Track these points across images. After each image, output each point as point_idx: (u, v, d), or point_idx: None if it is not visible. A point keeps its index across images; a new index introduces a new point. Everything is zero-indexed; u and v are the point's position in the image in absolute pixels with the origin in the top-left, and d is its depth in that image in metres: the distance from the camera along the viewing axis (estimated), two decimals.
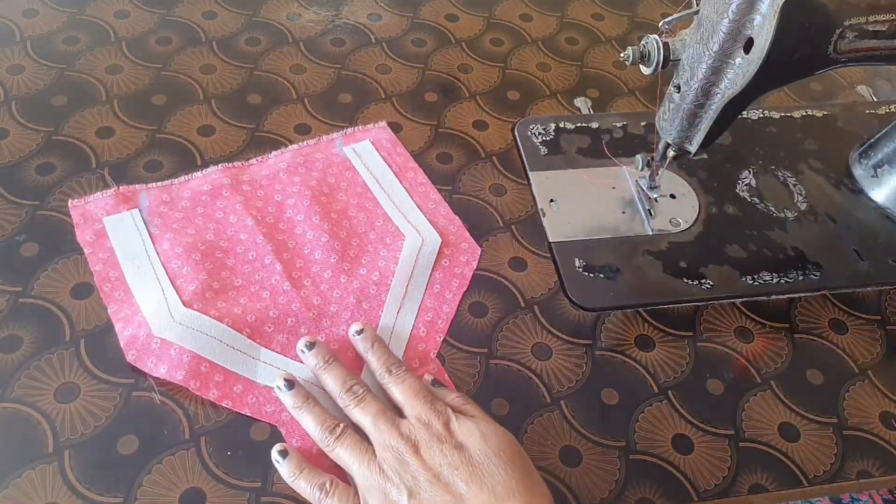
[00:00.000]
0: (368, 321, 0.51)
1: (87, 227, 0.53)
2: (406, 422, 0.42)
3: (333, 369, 0.46)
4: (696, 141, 0.51)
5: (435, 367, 0.49)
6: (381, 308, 0.51)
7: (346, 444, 0.42)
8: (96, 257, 0.52)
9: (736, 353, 0.53)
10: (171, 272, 0.51)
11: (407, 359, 0.50)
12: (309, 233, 0.55)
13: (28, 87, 0.62)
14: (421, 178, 0.60)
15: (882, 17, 0.44)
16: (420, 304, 0.52)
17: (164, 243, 0.53)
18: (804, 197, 0.62)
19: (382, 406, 0.44)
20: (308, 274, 0.53)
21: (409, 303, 0.52)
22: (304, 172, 0.58)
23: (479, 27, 0.74)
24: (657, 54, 0.48)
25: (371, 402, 0.44)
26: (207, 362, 0.47)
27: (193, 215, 0.55)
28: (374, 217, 0.57)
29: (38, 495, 0.42)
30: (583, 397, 0.50)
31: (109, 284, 0.51)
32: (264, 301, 0.51)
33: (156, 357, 0.47)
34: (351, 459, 0.41)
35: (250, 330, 0.49)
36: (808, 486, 0.48)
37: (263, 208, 0.56)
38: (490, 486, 0.38)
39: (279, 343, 0.49)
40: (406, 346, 0.50)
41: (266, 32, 0.70)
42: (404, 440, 0.41)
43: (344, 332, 0.50)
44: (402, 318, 0.51)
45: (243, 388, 0.47)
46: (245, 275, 0.52)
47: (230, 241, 0.54)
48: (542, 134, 0.64)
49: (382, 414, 0.43)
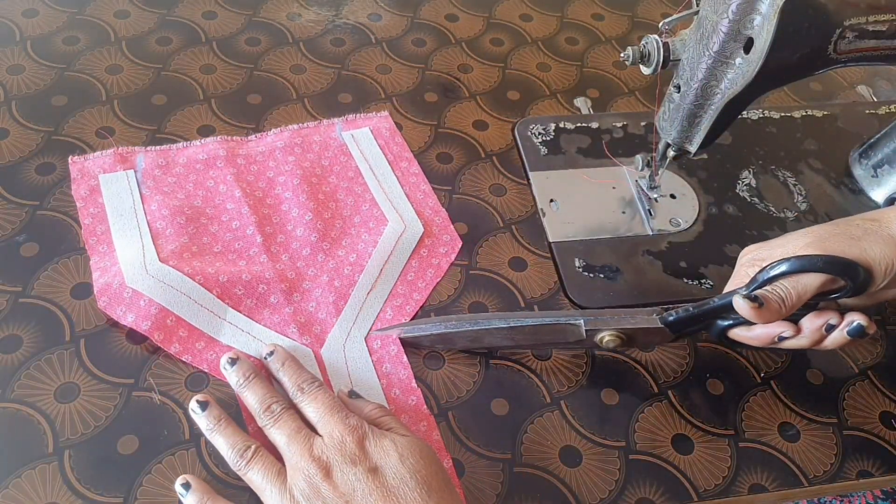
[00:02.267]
0: (337, 300, 0.51)
1: (82, 182, 0.55)
2: (320, 441, 0.40)
3: (253, 387, 0.44)
4: (696, 141, 0.51)
5: (396, 348, 0.50)
6: (353, 287, 0.52)
7: (256, 467, 0.40)
8: (87, 211, 0.54)
9: (736, 352, 0.53)
10: (155, 231, 0.53)
11: (370, 339, 0.50)
12: (294, 210, 0.55)
13: (28, 87, 0.62)
14: (414, 169, 0.60)
15: (882, 17, 0.44)
16: (391, 289, 0.53)
17: (153, 204, 0.54)
18: (804, 197, 0.62)
19: (300, 425, 0.42)
20: (287, 249, 0.54)
21: (380, 286, 0.53)
22: (300, 153, 0.60)
23: (479, 27, 0.74)
24: (657, 54, 0.48)
25: (287, 422, 0.42)
26: (174, 316, 0.48)
27: (185, 181, 0.57)
28: (361, 201, 0.57)
29: (38, 495, 0.42)
30: (583, 397, 0.50)
31: (95, 238, 0.52)
32: (239, 267, 0.52)
33: (125, 306, 0.48)
34: (262, 483, 0.40)
35: (220, 290, 0.50)
36: (808, 486, 0.48)
37: (254, 182, 0.57)
38: None
39: (247, 306, 0.50)
40: (371, 327, 0.51)
41: (266, 32, 0.70)
42: (315, 462, 0.39)
43: (313, 308, 0.50)
44: (371, 300, 0.52)
45: (205, 345, 0.48)
46: (225, 242, 0.53)
47: (216, 209, 0.55)
48: (542, 134, 0.64)
49: (297, 433, 0.41)
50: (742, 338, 0.46)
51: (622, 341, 0.47)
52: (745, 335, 0.46)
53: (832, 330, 0.43)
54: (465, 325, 0.48)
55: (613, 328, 0.47)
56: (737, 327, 0.46)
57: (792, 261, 0.42)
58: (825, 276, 0.42)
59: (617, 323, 0.47)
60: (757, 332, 0.45)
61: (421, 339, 0.49)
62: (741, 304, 0.42)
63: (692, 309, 0.46)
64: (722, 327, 0.46)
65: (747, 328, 0.45)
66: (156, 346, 0.48)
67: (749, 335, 0.45)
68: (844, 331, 0.43)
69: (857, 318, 0.43)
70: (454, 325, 0.48)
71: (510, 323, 0.47)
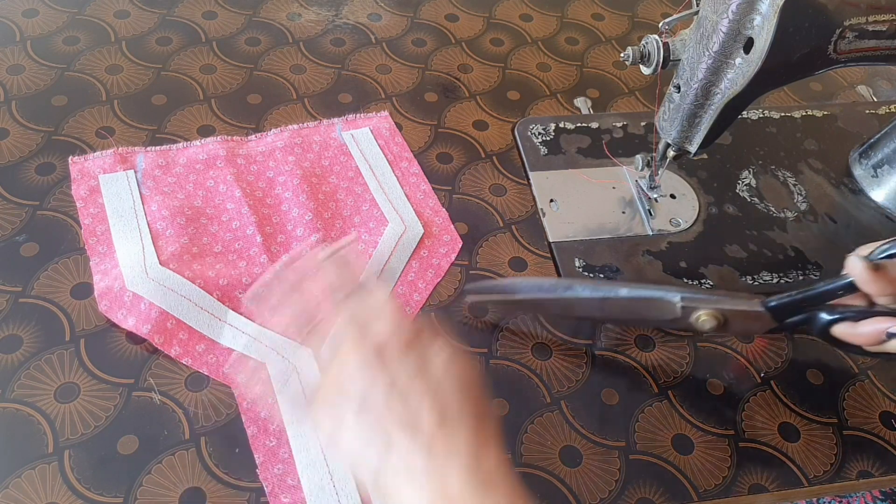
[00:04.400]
0: None
1: (82, 183, 0.55)
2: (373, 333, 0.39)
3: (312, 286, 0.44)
4: (696, 141, 0.51)
5: None
6: None
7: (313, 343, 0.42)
8: (87, 211, 0.54)
9: (736, 353, 0.53)
10: (155, 232, 0.53)
11: None
12: (294, 210, 0.56)
13: (28, 87, 0.62)
14: (414, 169, 0.60)
15: (882, 17, 0.44)
16: (391, 290, 0.53)
17: (153, 205, 0.54)
18: (804, 197, 0.62)
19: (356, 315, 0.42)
20: (287, 249, 0.54)
21: None
22: (300, 153, 0.60)
23: (479, 27, 0.74)
24: (657, 54, 0.48)
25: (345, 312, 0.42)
26: (174, 319, 0.48)
27: (185, 181, 0.57)
28: (361, 202, 0.57)
29: (38, 495, 0.42)
30: (583, 397, 0.50)
31: (95, 238, 0.52)
32: (239, 269, 0.52)
33: (126, 309, 0.48)
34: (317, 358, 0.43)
35: (220, 293, 0.50)
36: (808, 486, 0.48)
37: (254, 182, 0.57)
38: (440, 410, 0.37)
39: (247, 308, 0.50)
40: None
41: (266, 32, 0.70)
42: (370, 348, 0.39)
43: None
44: None
45: (205, 348, 0.48)
46: (225, 242, 0.54)
47: (216, 210, 0.55)
48: (542, 134, 0.64)
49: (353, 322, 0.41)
50: (847, 335, 0.43)
51: (719, 323, 0.45)
52: (851, 332, 0.42)
53: None
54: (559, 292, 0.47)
55: (712, 307, 0.44)
56: (842, 323, 0.43)
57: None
58: None
59: (716, 303, 0.45)
60: (864, 328, 0.41)
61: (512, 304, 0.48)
62: (856, 264, 0.39)
63: (796, 294, 0.43)
64: (826, 321, 0.43)
65: (853, 324, 0.42)
66: (156, 346, 0.48)
67: (855, 332, 0.42)
68: None
69: None
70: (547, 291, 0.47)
71: (601, 293, 0.46)
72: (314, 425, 0.41)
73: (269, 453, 0.44)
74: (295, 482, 0.43)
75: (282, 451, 0.44)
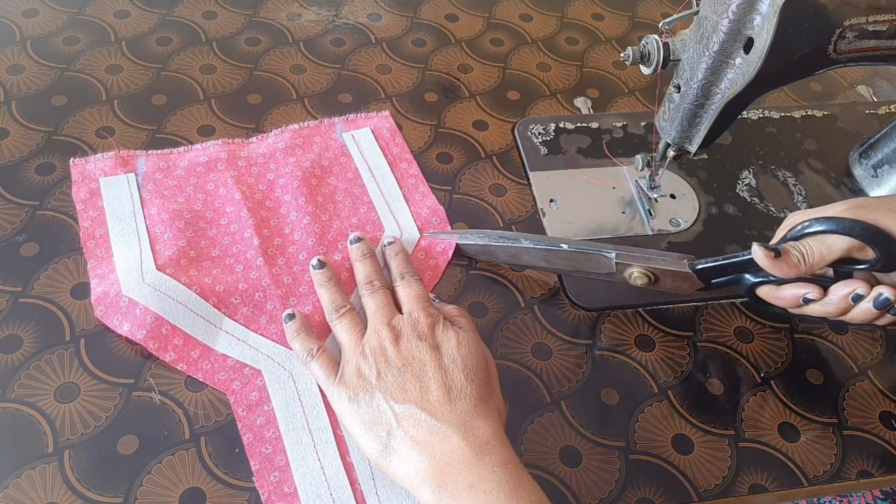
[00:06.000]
0: None
1: (83, 185, 0.55)
2: (399, 317, 0.47)
3: (365, 263, 0.52)
4: (696, 141, 0.51)
5: None
6: (350, 295, 0.52)
7: (344, 321, 0.48)
8: (86, 214, 0.54)
9: (736, 353, 0.53)
10: (153, 236, 0.53)
11: None
12: (293, 213, 0.55)
13: (28, 87, 0.62)
14: (413, 171, 0.60)
15: (882, 17, 0.44)
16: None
17: (153, 208, 0.54)
18: (804, 197, 0.62)
19: (389, 300, 0.49)
20: (283, 253, 0.54)
21: None
22: (301, 154, 0.60)
23: (479, 27, 0.74)
24: (657, 54, 0.48)
25: (380, 296, 0.49)
26: (169, 325, 0.48)
27: (186, 185, 0.57)
28: (359, 204, 0.57)
29: (38, 495, 0.42)
30: (583, 397, 0.50)
31: (93, 241, 0.52)
32: (236, 274, 0.52)
33: (122, 315, 0.48)
34: (344, 335, 0.47)
35: (217, 299, 0.50)
36: (809, 486, 0.48)
37: (254, 185, 0.57)
38: (447, 385, 0.43)
39: (243, 315, 0.50)
40: None
41: (266, 32, 0.70)
42: (390, 329, 0.46)
43: (310, 312, 0.51)
44: None
45: (200, 354, 0.48)
46: (223, 246, 0.53)
47: (216, 213, 0.55)
48: (542, 134, 0.64)
49: (385, 306, 0.48)
50: (770, 297, 0.46)
51: (650, 280, 0.49)
52: (774, 294, 0.46)
53: (859, 300, 0.43)
54: (505, 241, 0.53)
55: (643, 265, 0.48)
56: (766, 285, 0.46)
57: (821, 220, 0.42)
58: (852, 241, 0.41)
59: (646, 261, 0.49)
60: (784, 293, 0.45)
61: (467, 248, 0.55)
62: (757, 252, 0.43)
63: (721, 259, 0.47)
64: (751, 283, 0.47)
65: (776, 287, 0.46)
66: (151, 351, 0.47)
67: (777, 294, 0.46)
68: (871, 303, 0.42)
69: (886, 291, 0.42)
70: (496, 239, 0.53)
71: (545, 246, 0.51)
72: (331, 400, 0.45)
73: (266, 461, 0.44)
74: (291, 490, 0.43)
75: (278, 458, 0.44)
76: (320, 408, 0.46)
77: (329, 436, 0.45)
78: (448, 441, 0.40)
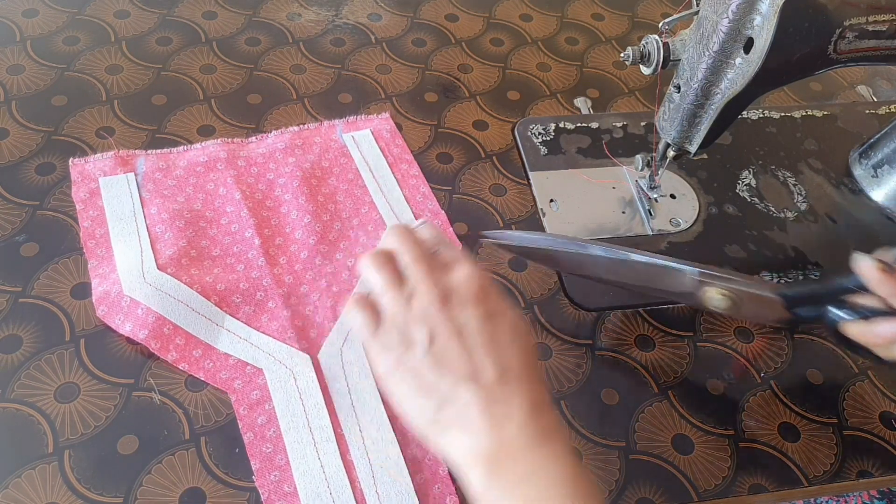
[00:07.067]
0: (335, 305, 0.51)
1: (82, 185, 0.55)
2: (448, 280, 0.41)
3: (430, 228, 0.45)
4: (696, 141, 0.51)
5: None
6: (351, 293, 0.52)
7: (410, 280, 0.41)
8: (86, 214, 0.54)
9: (736, 353, 0.53)
10: (154, 235, 0.53)
11: None
12: (293, 213, 0.55)
13: (28, 87, 0.62)
14: (414, 171, 0.60)
15: (882, 17, 0.44)
16: None
17: (153, 207, 0.54)
18: (804, 197, 0.62)
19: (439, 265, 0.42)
20: (285, 252, 0.54)
21: None
22: (300, 154, 0.60)
23: (479, 27, 0.74)
24: (657, 54, 0.48)
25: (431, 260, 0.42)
26: (171, 324, 0.48)
27: (185, 184, 0.57)
28: (360, 204, 0.57)
29: (38, 495, 0.42)
30: (583, 397, 0.50)
31: (94, 241, 0.52)
32: (237, 273, 0.52)
33: (123, 314, 0.48)
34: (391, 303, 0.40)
35: (218, 298, 0.50)
36: (808, 487, 0.48)
37: (254, 184, 0.57)
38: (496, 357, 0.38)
39: (245, 314, 0.50)
40: None
41: (266, 32, 0.70)
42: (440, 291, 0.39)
43: (310, 312, 0.50)
44: None
45: (202, 353, 0.48)
46: (224, 246, 0.53)
47: (216, 212, 0.55)
48: (542, 134, 0.64)
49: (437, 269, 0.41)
50: (862, 334, 0.42)
51: (732, 303, 0.44)
52: (866, 331, 0.41)
53: None
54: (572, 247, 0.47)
55: (727, 286, 0.44)
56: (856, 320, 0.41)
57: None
58: None
59: (731, 282, 0.44)
60: (881, 328, 0.40)
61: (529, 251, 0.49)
62: (865, 264, 0.38)
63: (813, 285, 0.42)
64: (838, 318, 0.42)
65: (868, 323, 0.41)
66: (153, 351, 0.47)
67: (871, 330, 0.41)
68: None
69: None
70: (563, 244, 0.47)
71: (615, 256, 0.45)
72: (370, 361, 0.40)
73: (266, 460, 0.44)
74: (291, 489, 0.43)
75: (278, 457, 0.44)
76: (321, 406, 0.46)
77: (329, 434, 0.45)
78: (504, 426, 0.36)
